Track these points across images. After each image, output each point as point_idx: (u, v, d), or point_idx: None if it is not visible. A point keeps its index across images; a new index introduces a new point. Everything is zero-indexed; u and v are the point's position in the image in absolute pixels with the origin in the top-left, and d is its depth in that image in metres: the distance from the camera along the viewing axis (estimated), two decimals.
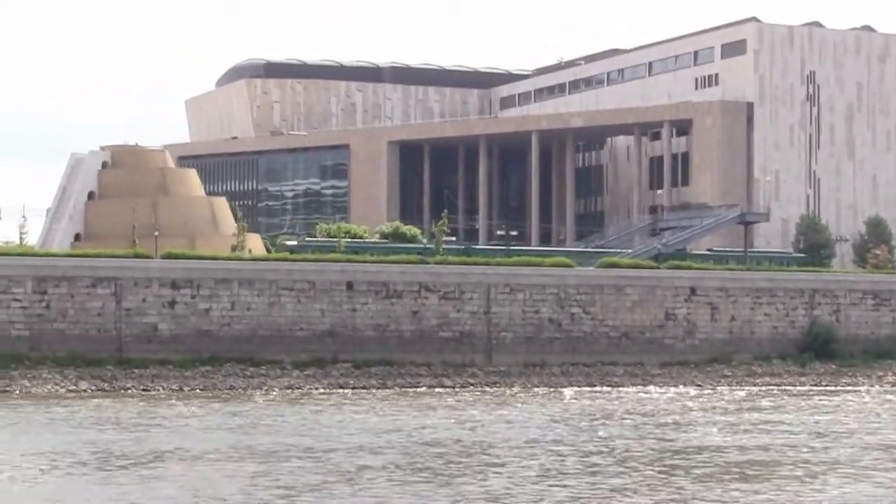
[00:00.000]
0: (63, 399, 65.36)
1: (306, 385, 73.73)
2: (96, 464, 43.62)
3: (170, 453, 45.97)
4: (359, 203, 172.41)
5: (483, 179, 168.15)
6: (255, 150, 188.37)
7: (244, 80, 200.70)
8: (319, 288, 79.44)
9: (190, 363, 74.77)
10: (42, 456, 44.93)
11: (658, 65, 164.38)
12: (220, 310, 77.43)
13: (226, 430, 53.26)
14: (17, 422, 55.19)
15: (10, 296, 73.53)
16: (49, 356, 72.73)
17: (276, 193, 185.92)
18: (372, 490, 38.67)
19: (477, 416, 59.86)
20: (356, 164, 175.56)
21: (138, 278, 76.10)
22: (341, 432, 52.94)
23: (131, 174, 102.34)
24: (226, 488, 38.56)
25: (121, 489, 38.53)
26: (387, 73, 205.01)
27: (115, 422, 55.40)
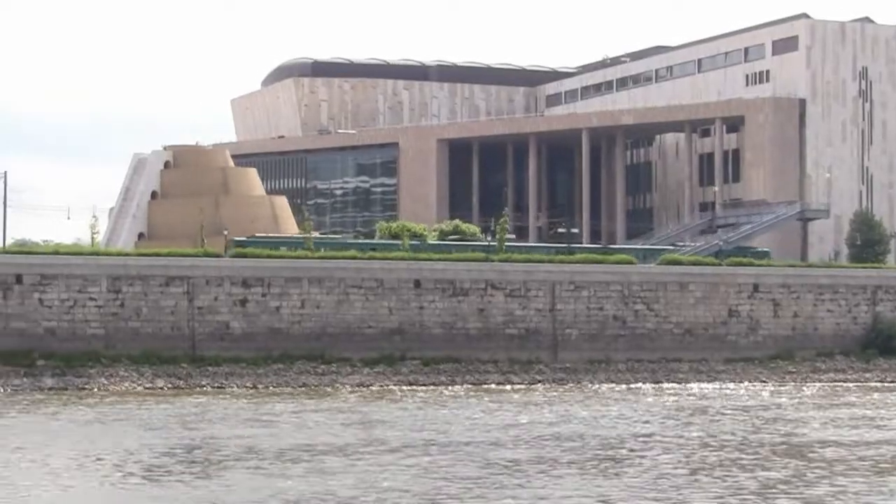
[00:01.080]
0: (140, 396, 66.36)
1: (377, 382, 74.49)
2: (266, 458, 44.94)
3: (313, 447, 47.31)
4: (408, 201, 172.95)
5: (532, 177, 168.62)
6: (303, 149, 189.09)
7: (291, 80, 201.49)
8: (388, 286, 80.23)
9: (262, 361, 75.62)
10: (211, 450, 46.63)
11: (707, 62, 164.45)
12: (290, 308, 78.29)
13: (342, 426, 54.46)
14: (124, 418, 56.34)
15: (86, 295, 74.52)
16: (124, 354, 73.71)
17: (324, 191, 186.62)
18: (548, 482, 40.13)
19: (581, 413, 60.82)
20: (405, 161, 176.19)
21: (210, 277, 77.05)
22: (460, 427, 54.22)
23: (193, 174, 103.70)
24: (410, 480, 40.16)
25: (308, 481, 40.00)
26: (433, 71, 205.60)
27: (231, 419, 56.54)
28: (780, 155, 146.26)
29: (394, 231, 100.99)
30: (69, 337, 73.56)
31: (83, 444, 48.28)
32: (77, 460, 44.29)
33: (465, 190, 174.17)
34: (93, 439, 49.52)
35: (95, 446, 47.59)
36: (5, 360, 70.94)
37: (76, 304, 74.26)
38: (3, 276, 73.16)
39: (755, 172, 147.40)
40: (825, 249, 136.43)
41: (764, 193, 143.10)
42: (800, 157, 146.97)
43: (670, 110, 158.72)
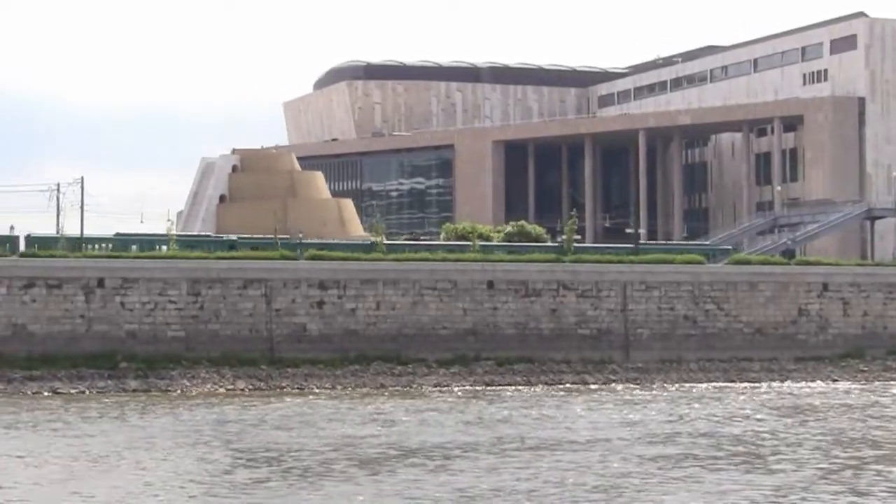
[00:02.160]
0: (223, 398, 67.17)
1: (453, 383, 75.03)
2: (416, 455, 46.25)
3: (450, 445, 48.68)
4: (464, 202, 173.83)
5: (588, 177, 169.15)
6: (357, 152, 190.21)
7: (345, 83, 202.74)
8: (461, 287, 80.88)
9: (339, 362, 76.31)
10: (357, 449, 47.89)
11: (763, 61, 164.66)
12: (365, 309, 79.03)
13: (463, 424, 55.60)
14: (239, 419, 57.41)
15: (166, 298, 75.48)
16: (204, 356, 74.55)
17: (379, 193, 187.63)
18: (713, 475, 41.63)
19: (685, 410, 61.73)
20: (461, 163, 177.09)
21: (287, 279, 77.87)
22: (582, 425, 55.33)
23: (261, 177, 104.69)
24: (578, 475, 41.54)
25: (478, 477, 41.34)
26: (485, 73, 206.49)
27: (348, 419, 57.58)
28: (840, 154, 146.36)
29: (459, 232, 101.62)
30: (150, 339, 74.55)
31: (235, 443, 49.55)
32: (242, 460, 45.61)
33: (520, 191, 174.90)
34: (239, 438, 50.79)
35: (246, 444, 49.07)
36: (89, 363, 72.02)
37: (157, 307, 75.24)
38: (86, 280, 74.24)
39: (815, 172, 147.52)
40: (886, 248, 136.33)
41: (823, 193, 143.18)
42: (859, 155, 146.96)
43: (728, 110, 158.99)
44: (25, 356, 71.57)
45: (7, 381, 68.97)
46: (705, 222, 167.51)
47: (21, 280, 73.32)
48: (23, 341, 72.37)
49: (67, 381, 69.76)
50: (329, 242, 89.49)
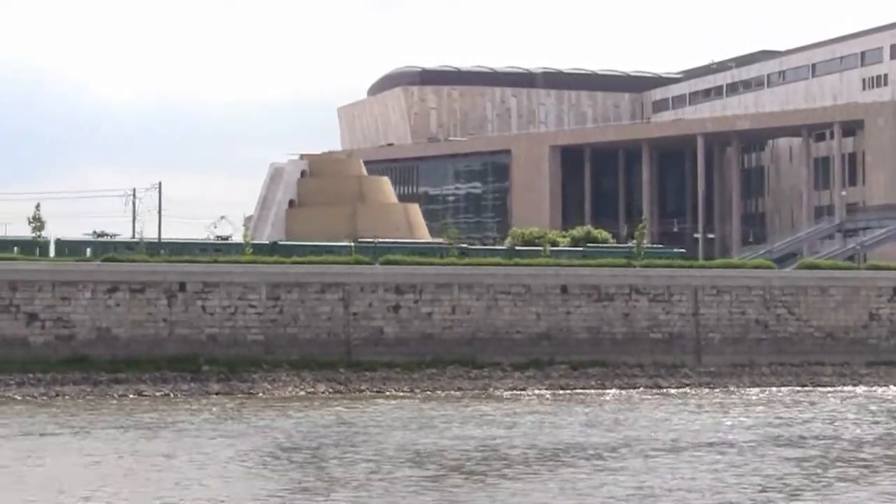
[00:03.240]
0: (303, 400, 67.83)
1: (529, 386, 75.56)
2: (565, 456, 47.11)
3: (584, 446, 49.59)
4: (521, 206, 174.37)
5: (646, 182, 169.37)
6: (414, 156, 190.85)
7: (401, 88, 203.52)
8: (535, 292, 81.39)
9: (415, 365, 76.88)
10: (499, 449, 48.68)
11: (822, 66, 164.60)
12: (441, 313, 79.64)
13: (581, 426, 56.62)
14: (353, 421, 58.14)
15: (246, 302, 76.27)
16: (284, 359, 75.26)
17: (436, 198, 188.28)
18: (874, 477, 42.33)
19: (790, 415, 62.10)
20: (517, 168, 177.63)
21: (364, 284, 78.55)
22: (709, 428, 56.32)
23: (329, 182, 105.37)
24: (735, 478, 42.12)
25: (645, 476, 42.10)
26: (539, 78, 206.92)
27: (460, 421, 58.25)
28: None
29: (526, 237, 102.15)
30: (231, 343, 75.35)
31: (374, 444, 50.17)
32: (400, 459, 46.33)
33: (575, 195, 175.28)
34: (371, 439, 51.54)
35: (384, 444, 49.89)
36: (172, 366, 72.88)
37: (237, 311, 76.04)
38: (168, 284, 75.11)
39: (875, 176, 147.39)
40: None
41: (884, 197, 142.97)
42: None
43: (787, 115, 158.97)
44: (110, 359, 72.48)
45: (94, 383, 69.90)
46: (762, 227, 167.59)
47: (105, 284, 74.26)
48: (107, 344, 73.32)
49: (151, 383, 70.62)
50: (404, 245, 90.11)
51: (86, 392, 68.39)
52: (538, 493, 39.42)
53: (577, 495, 39.02)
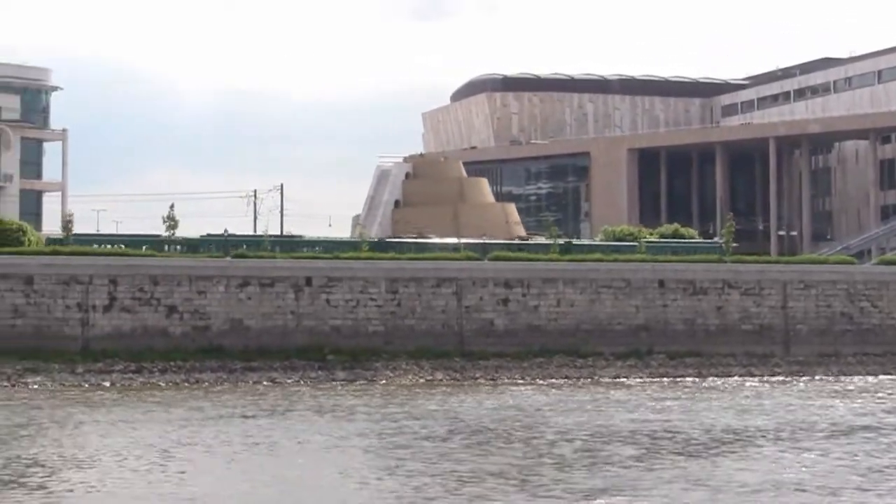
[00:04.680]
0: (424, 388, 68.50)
1: (631, 375, 75.95)
2: (745, 441, 47.06)
3: (757, 430, 49.60)
4: (599, 206, 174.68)
5: (720, 183, 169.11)
6: (497, 159, 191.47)
7: (484, 94, 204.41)
8: (634, 286, 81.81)
9: (524, 355, 77.47)
10: (679, 434, 48.64)
11: (887, 72, 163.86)
12: (547, 306, 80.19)
13: (726, 411, 56.91)
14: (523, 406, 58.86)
15: (367, 295, 77.13)
16: (402, 349, 76.03)
17: (519, 197, 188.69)
18: None
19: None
20: (596, 169, 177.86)
21: (476, 279, 79.25)
22: (841, 412, 56.35)
23: (432, 183, 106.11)
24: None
25: (831, 455, 42.59)
26: (614, 84, 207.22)
27: (606, 406, 58.82)
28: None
29: (618, 235, 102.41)
30: (353, 334, 76.20)
31: (567, 428, 50.36)
32: (602, 440, 46.63)
33: (651, 195, 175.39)
34: (553, 423, 51.88)
35: (564, 426, 50.19)
36: (300, 355, 73.84)
37: (359, 304, 76.89)
38: (295, 280, 76.10)
39: None
40: None
41: None
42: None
43: (855, 118, 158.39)
44: (242, 349, 73.53)
45: (229, 371, 70.90)
46: (829, 225, 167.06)
47: (237, 279, 75.33)
48: (240, 335, 74.37)
49: (282, 371, 71.53)
50: (511, 242, 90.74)
51: (222, 379, 69.28)
52: (770, 465, 40.01)
53: (805, 468, 39.54)
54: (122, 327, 72.87)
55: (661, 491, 36.28)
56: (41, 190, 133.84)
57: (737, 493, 36.10)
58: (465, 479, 38.67)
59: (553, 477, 38.95)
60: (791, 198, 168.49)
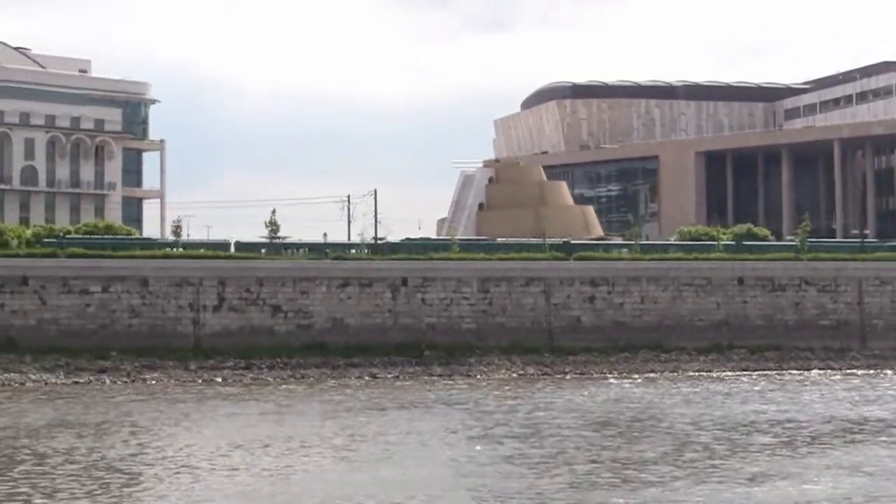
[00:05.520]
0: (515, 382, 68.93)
1: (714, 368, 76.05)
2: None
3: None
4: (667, 207, 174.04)
5: (785, 185, 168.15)
6: (568, 163, 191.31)
7: (554, 101, 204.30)
8: (715, 283, 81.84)
9: (610, 350, 77.75)
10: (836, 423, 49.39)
11: None
12: (631, 303, 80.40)
13: (838, 402, 57.45)
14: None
15: (461, 294, 77.66)
16: (494, 345, 76.48)
17: (590, 199, 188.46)
18: None
19: None
20: (665, 172, 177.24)
21: (563, 278, 79.59)
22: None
23: (514, 187, 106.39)
24: None
25: None
26: (680, 90, 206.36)
27: (720, 398, 59.20)
28: None
29: (693, 235, 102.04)
30: (447, 331, 76.74)
31: (697, 420, 50.74)
32: (736, 430, 47.25)
33: (718, 196, 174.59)
34: (677, 415, 52.25)
35: (690, 418, 50.60)
36: (398, 351, 74.48)
37: (452, 303, 77.42)
38: (392, 280, 76.77)
39: None
40: None
41: None
42: None
43: None
44: (344, 345, 74.26)
45: (332, 367, 71.67)
46: (893, 223, 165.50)
47: (338, 280, 76.10)
48: (341, 332, 75.11)
49: (382, 367, 72.21)
50: (594, 243, 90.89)
51: (326, 374, 70.08)
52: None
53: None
54: (230, 326, 73.84)
55: (825, 477, 36.61)
56: (141, 197, 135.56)
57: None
58: (628, 466, 39.10)
59: (710, 463, 39.40)
60: (855, 198, 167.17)
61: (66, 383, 65.33)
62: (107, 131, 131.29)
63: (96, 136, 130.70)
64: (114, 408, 54.99)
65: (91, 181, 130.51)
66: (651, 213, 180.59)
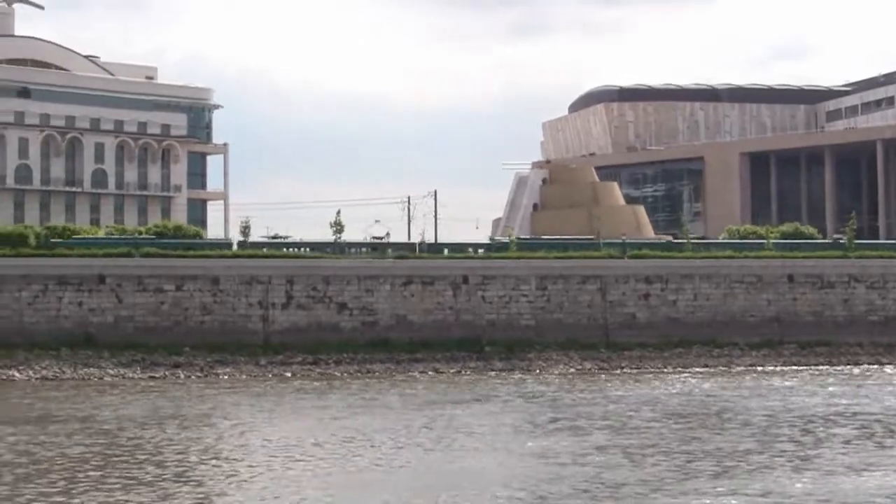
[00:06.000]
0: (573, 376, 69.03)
1: (765, 363, 75.96)
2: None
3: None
4: (713, 206, 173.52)
5: (829, 184, 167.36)
6: (615, 164, 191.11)
7: (602, 105, 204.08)
8: (765, 281, 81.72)
9: (664, 346, 77.76)
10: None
11: None
12: (685, 301, 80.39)
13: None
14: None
15: (519, 292, 77.93)
16: (552, 341, 76.69)
17: (637, 199, 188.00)
18: None
19: None
20: (710, 172, 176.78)
21: (618, 276, 79.69)
22: None
23: (567, 188, 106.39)
24: None
25: None
26: (723, 93, 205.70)
27: (780, 392, 59.48)
28: None
29: (742, 233, 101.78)
30: (507, 327, 77.02)
31: (781, 411, 51.17)
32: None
33: (762, 196, 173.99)
34: (759, 407, 52.53)
35: (771, 410, 51.00)
36: (459, 347, 74.81)
37: (511, 300, 77.67)
38: (453, 278, 77.10)
39: None
40: None
41: None
42: None
43: None
44: (407, 341, 74.68)
45: (396, 362, 72.14)
46: None
47: (401, 279, 76.54)
48: (404, 329, 75.54)
49: (444, 362, 72.59)
50: (646, 242, 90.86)
51: (391, 369, 70.49)
52: None
53: None
54: (298, 323, 74.42)
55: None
56: (205, 199, 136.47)
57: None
58: (724, 456, 39.22)
59: (802, 454, 39.55)
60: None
61: (143, 378, 66.13)
62: (172, 136, 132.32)
63: (163, 141, 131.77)
64: (202, 401, 55.72)
65: (158, 183, 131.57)
66: (695, 212, 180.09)
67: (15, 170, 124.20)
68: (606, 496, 33.28)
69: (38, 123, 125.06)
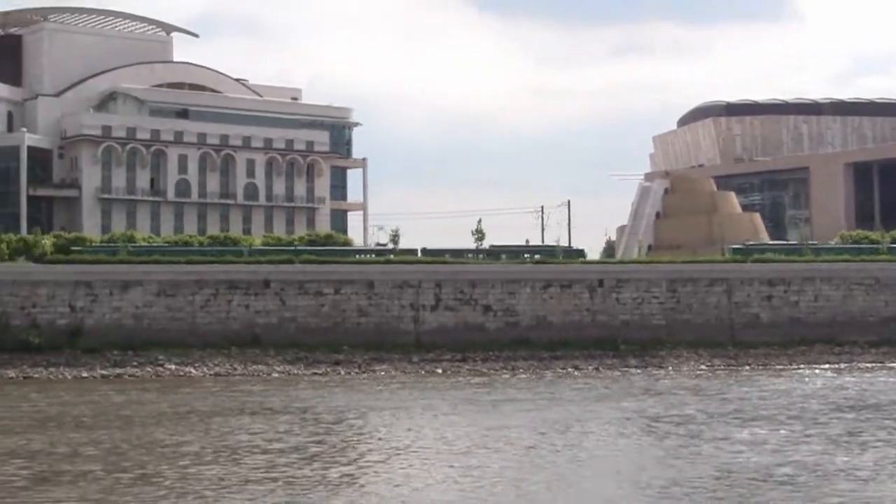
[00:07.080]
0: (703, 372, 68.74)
1: (886, 360, 74.96)
2: None
3: None
4: (818, 214, 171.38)
5: None
6: (724, 175, 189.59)
7: (710, 119, 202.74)
8: (883, 282, 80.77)
9: (787, 344, 77.18)
10: None
11: None
12: (806, 302, 79.75)
13: None
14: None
15: (651, 294, 77.92)
16: (682, 340, 76.57)
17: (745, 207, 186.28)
18: None
19: None
20: (815, 182, 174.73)
21: (743, 278, 79.31)
22: None
23: (688, 197, 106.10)
24: None
25: None
26: (826, 107, 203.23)
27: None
28: None
29: (854, 238, 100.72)
30: (640, 327, 77.04)
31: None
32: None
33: (865, 204, 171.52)
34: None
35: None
36: (596, 346, 75.00)
37: (643, 302, 77.69)
38: (590, 281, 77.38)
39: None
40: None
41: None
42: None
43: None
44: (547, 341, 75.06)
45: (538, 360, 72.51)
46: None
47: (541, 282, 76.99)
48: (544, 329, 75.95)
49: (582, 360, 72.79)
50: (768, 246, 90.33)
51: (534, 366, 70.84)
52: None
53: None
54: (446, 324, 75.20)
55: None
56: (346, 210, 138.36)
57: None
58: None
59: None
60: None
61: (307, 374, 67.29)
62: (316, 151, 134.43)
63: (308, 156, 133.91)
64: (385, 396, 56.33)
65: (303, 196, 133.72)
66: (803, 219, 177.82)
67: (175, 184, 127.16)
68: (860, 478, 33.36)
69: (196, 142, 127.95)
